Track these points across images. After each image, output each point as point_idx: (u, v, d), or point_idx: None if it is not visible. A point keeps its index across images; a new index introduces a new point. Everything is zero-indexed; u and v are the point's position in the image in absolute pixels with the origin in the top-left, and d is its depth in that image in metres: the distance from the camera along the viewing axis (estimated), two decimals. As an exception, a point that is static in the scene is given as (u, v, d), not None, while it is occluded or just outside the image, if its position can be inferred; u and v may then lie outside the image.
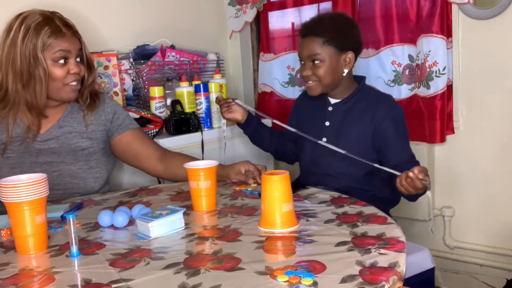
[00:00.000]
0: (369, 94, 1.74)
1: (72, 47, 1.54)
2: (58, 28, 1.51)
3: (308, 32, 1.68)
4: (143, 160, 1.72)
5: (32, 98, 1.52)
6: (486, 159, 2.08)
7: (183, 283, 0.87)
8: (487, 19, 1.96)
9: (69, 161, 1.60)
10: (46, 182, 1.08)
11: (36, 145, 1.58)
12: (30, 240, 1.07)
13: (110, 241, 1.12)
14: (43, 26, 1.49)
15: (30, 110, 1.54)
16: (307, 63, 1.69)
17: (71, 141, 1.61)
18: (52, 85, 1.53)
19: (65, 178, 1.58)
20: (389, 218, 1.17)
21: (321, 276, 0.87)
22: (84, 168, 1.61)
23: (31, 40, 1.48)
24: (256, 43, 2.81)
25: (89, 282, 0.91)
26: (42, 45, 1.49)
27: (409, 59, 2.20)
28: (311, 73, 1.68)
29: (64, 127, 1.62)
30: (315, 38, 1.65)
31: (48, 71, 1.50)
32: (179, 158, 1.72)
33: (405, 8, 2.16)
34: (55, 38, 1.50)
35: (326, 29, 1.66)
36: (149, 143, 1.74)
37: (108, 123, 1.69)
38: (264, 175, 1.15)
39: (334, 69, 1.67)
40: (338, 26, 1.67)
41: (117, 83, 2.12)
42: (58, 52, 1.51)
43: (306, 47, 1.68)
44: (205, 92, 2.10)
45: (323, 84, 1.69)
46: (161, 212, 1.17)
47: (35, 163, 1.56)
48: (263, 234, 1.11)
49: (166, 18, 2.49)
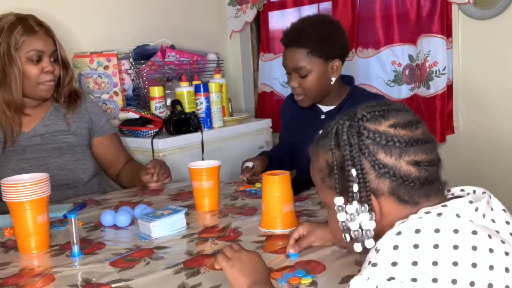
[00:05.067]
0: (362, 97, 1.65)
1: (46, 48, 1.58)
2: (31, 27, 1.55)
3: (291, 42, 1.61)
4: (110, 167, 1.82)
5: (8, 96, 1.56)
6: (486, 159, 2.08)
7: (183, 283, 0.88)
8: (487, 19, 1.96)
9: (55, 155, 1.64)
10: (48, 182, 1.09)
11: (22, 142, 1.61)
12: (32, 240, 1.08)
13: (111, 241, 1.13)
14: (16, 26, 1.53)
15: (8, 108, 1.57)
16: (293, 75, 1.63)
17: (56, 138, 1.66)
18: (27, 83, 1.57)
19: (53, 170, 1.60)
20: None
21: (320, 276, 0.87)
22: (71, 160, 1.66)
23: (5, 39, 1.53)
24: (256, 43, 2.82)
25: (89, 282, 0.91)
26: (15, 44, 1.53)
27: (409, 59, 2.21)
28: (298, 85, 1.63)
29: (49, 125, 1.67)
30: (299, 49, 1.58)
31: (22, 70, 1.54)
32: (128, 165, 1.81)
33: (405, 8, 2.16)
34: (28, 36, 1.54)
35: (309, 38, 1.57)
36: (120, 152, 1.83)
37: (90, 122, 1.75)
38: (264, 175, 1.15)
39: (321, 79, 1.60)
40: (321, 34, 1.58)
41: (117, 83, 2.12)
42: (31, 52, 1.55)
43: (290, 58, 1.61)
44: (205, 92, 2.10)
45: (312, 96, 1.64)
46: (162, 212, 1.17)
47: (22, 160, 1.59)
48: (263, 234, 1.11)
49: (166, 18, 2.49)
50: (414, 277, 0.61)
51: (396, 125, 0.72)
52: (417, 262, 0.62)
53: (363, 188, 0.70)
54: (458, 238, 0.63)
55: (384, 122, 0.73)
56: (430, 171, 0.72)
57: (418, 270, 0.61)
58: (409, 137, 0.71)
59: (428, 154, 0.72)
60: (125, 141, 1.95)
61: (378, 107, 0.75)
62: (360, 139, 0.72)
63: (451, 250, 0.62)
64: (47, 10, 1.84)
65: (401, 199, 0.72)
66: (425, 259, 0.62)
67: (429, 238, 0.63)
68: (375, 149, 0.71)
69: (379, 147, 0.71)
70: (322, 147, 0.78)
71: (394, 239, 0.65)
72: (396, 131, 0.72)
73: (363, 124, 0.73)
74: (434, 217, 0.66)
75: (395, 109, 0.75)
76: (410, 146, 0.71)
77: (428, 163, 0.72)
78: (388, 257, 0.63)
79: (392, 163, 0.71)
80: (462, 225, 0.65)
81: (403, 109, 0.75)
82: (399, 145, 0.71)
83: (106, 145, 1.79)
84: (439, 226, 0.64)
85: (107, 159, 1.81)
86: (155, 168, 1.59)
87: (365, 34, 2.29)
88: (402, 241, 0.64)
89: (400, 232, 0.65)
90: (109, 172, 1.84)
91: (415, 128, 0.73)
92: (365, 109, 0.75)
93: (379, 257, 0.64)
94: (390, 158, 0.71)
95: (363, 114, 0.74)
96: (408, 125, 0.73)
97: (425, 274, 0.61)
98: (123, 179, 1.79)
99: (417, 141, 0.72)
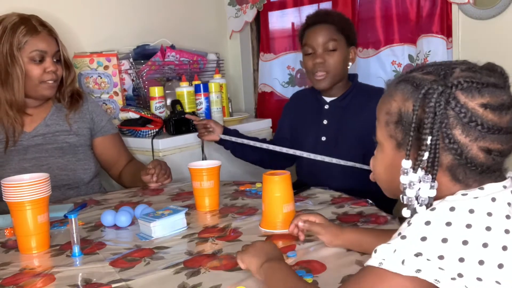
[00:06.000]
0: (364, 89, 1.75)
1: (49, 48, 1.58)
2: (34, 27, 1.56)
3: (321, 19, 1.68)
4: (112, 167, 1.83)
5: (11, 96, 1.56)
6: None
7: (183, 283, 0.88)
8: (487, 19, 1.96)
9: (57, 155, 1.64)
10: (48, 181, 1.09)
11: (24, 142, 1.61)
12: (32, 240, 1.08)
13: (111, 241, 1.13)
14: (19, 26, 1.54)
15: (10, 107, 1.57)
16: (318, 51, 1.66)
17: (58, 138, 1.66)
18: (29, 83, 1.57)
19: (54, 170, 1.60)
20: (390, 218, 1.17)
21: (320, 276, 0.87)
22: (72, 160, 1.66)
23: (8, 39, 1.53)
24: (256, 43, 2.81)
25: (89, 281, 0.91)
26: (18, 44, 1.53)
27: (409, 59, 2.21)
28: (323, 61, 1.66)
29: (51, 125, 1.67)
30: (329, 25, 1.66)
31: (24, 69, 1.55)
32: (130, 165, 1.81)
33: (405, 8, 2.16)
34: (31, 37, 1.54)
35: (336, 18, 1.68)
36: (122, 152, 1.84)
37: (92, 122, 1.75)
38: (265, 175, 1.15)
39: (343, 60, 1.67)
40: (345, 18, 1.71)
41: (117, 83, 2.12)
42: (34, 52, 1.55)
43: (320, 33, 1.66)
44: (205, 92, 2.10)
45: (332, 76, 1.68)
46: (163, 212, 1.17)
47: (24, 159, 1.59)
48: (263, 234, 1.11)
49: (166, 18, 2.49)
50: (441, 255, 0.61)
51: (488, 106, 0.67)
52: (447, 239, 0.62)
53: (432, 158, 0.67)
54: (491, 221, 0.63)
55: (477, 99, 0.67)
56: (497, 161, 0.69)
57: (446, 248, 0.61)
58: (494, 123, 0.67)
59: (503, 145, 0.69)
60: (125, 141, 1.94)
61: (479, 77, 0.68)
62: (445, 108, 0.67)
63: (483, 231, 0.62)
64: (47, 10, 1.84)
65: (455, 177, 0.69)
66: (456, 237, 0.62)
67: (462, 217, 0.63)
68: (454, 123, 0.67)
69: (459, 123, 0.67)
70: (402, 93, 0.72)
71: (427, 215, 0.65)
72: (484, 113, 0.67)
73: (454, 92, 0.67)
74: (470, 199, 0.65)
75: (494, 85, 0.69)
76: (491, 134, 0.67)
77: (499, 153, 0.69)
78: (419, 231, 0.63)
79: (464, 143, 0.67)
80: (497, 208, 0.64)
81: (501, 86, 0.69)
82: (480, 129, 0.67)
83: (107, 145, 1.80)
84: (473, 207, 0.64)
85: (108, 159, 1.81)
86: (155, 169, 1.59)
87: (365, 34, 2.29)
88: (435, 217, 0.64)
89: (434, 208, 0.65)
90: (111, 172, 1.84)
91: (505, 113, 0.67)
92: (464, 73, 0.69)
93: (410, 230, 0.64)
94: (465, 137, 0.67)
95: (459, 81, 0.67)
96: (499, 109, 0.67)
97: (453, 252, 0.61)
98: (125, 179, 1.79)
99: (500, 130, 0.67)
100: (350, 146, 1.65)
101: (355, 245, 0.96)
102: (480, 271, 0.61)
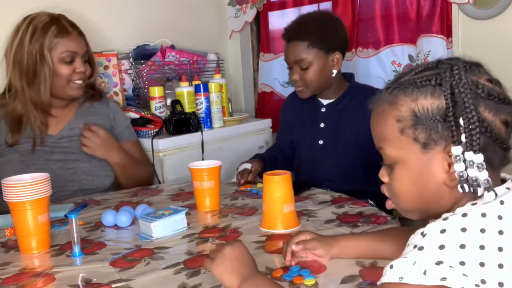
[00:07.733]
0: (362, 90, 1.72)
1: (79, 49, 1.59)
2: (65, 27, 1.56)
3: (292, 36, 1.66)
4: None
5: (36, 95, 1.55)
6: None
7: (183, 283, 0.88)
8: (487, 19, 1.96)
9: (83, 159, 1.63)
10: (48, 182, 1.09)
11: (49, 143, 1.61)
12: (32, 240, 1.08)
13: (111, 241, 1.13)
14: (50, 26, 1.54)
15: (35, 107, 1.57)
16: (294, 68, 1.67)
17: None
18: (57, 82, 1.57)
19: (80, 175, 1.61)
20: (390, 218, 1.17)
21: (321, 277, 0.87)
22: (98, 166, 1.65)
23: (38, 39, 1.53)
24: (256, 43, 2.81)
25: (89, 281, 0.91)
26: (49, 44, 1.53)
27: (409, 59, 2.21)
28: (299, 78, 1.66)
29: (75, 129, 1.66)
30: (300, 42, 1.63)
31: (53, 69, 1.54)
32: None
33: (405, 8, 2.16)
34: (62, 37, 1.55)
35: (309, 31, 1.62)
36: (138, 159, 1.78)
37: (113, 121, 1.75)
38: (265, 175, 1.15)
39: (322, 72, 1.64)
40: (322, 27, 1.63)
41: (117, 83, 2.12)
42: (65, 53, 1.56)
43: (291, 52, 1.65)
44: (205, 92, 2.10)
45: (312, 88, 1.67)
46: (163, 212, 1.17)
47: (50, 160, 1.59)
48: (263, 234, 1.11)
49: (166, 18, 2.49)
50: (462, 261, 0.61)
51: (492, 80, 0.70)
52: (464, 245, 0.62)
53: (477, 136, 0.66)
54: (502, 224, 0.63)
55: (483, 75, 0.70)
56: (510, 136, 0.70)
57: (465, 253, 0.61)
58: (504, 95, 0.69)
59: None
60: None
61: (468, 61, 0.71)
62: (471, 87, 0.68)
63: (496, 235, 0.63)
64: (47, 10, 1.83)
65: (488, 160, 0.68)
66: (473, 243, 0.62)
67: (476, 222, 0.63)
68: (477, 101, 0.67)
69: (479, 99, 0.68)
70: (406, 96, 0.72)
71: (441, 224, 0.65)
72: (493, 86, 0.69)
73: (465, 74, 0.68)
74: (480, 205, 0.66)
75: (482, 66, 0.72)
76: (506, 104, 0.68)
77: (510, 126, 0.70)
78: (436, 240, 0.63)
79: (489, 118, 0.68)
80: (506, 211, 0.65)
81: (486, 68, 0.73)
82: (497, 101, 0.68)
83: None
84: (485, 211, 0.64)
85: None
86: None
87: (365, 34, 2.29)
88: (449, 225, 0.64)
89: (447, 217, 0.65)
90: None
91: (503, 87, 0.70)
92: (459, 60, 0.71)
93: (426, 240, 0.64)
94: (488, 113, 0.67)
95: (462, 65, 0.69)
96: (499, 83, 0.70)
97: (473, 257, 0.61)
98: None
99: (510, 102, 0.69)
100: (347, 149, 1.65)
101: (352, 251, 0.95)
102: (500, 275, 0.61)
